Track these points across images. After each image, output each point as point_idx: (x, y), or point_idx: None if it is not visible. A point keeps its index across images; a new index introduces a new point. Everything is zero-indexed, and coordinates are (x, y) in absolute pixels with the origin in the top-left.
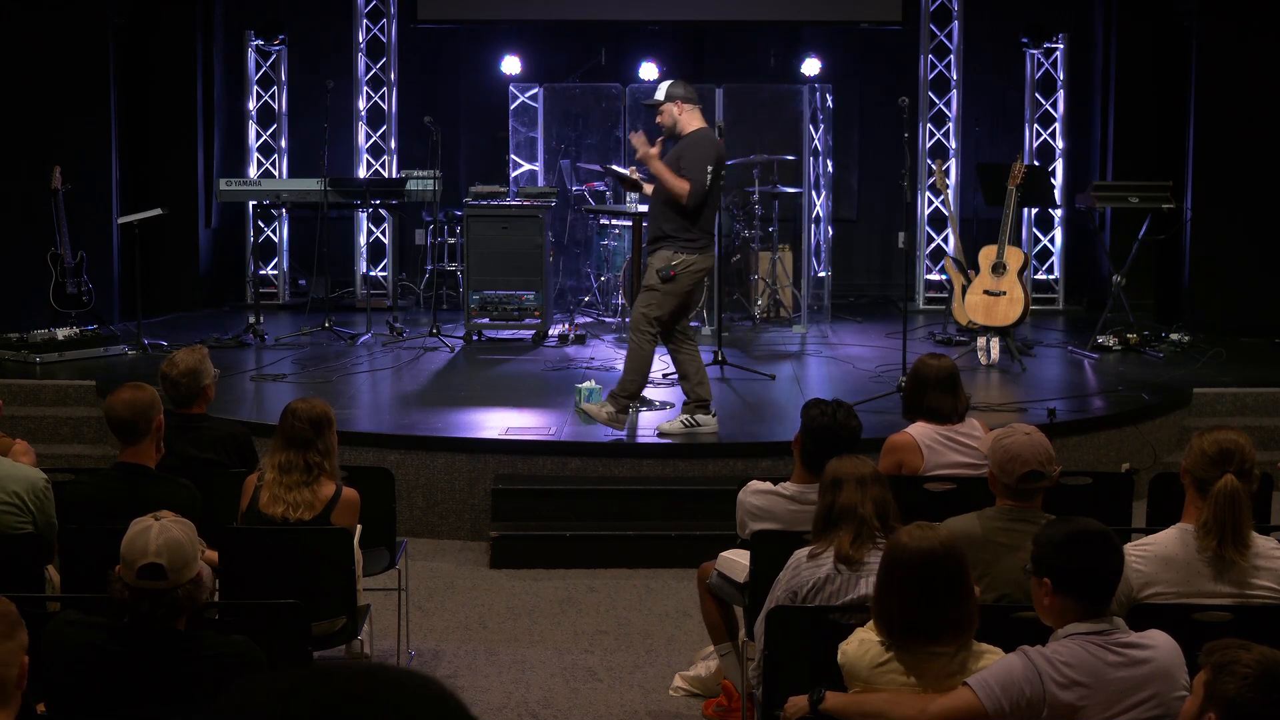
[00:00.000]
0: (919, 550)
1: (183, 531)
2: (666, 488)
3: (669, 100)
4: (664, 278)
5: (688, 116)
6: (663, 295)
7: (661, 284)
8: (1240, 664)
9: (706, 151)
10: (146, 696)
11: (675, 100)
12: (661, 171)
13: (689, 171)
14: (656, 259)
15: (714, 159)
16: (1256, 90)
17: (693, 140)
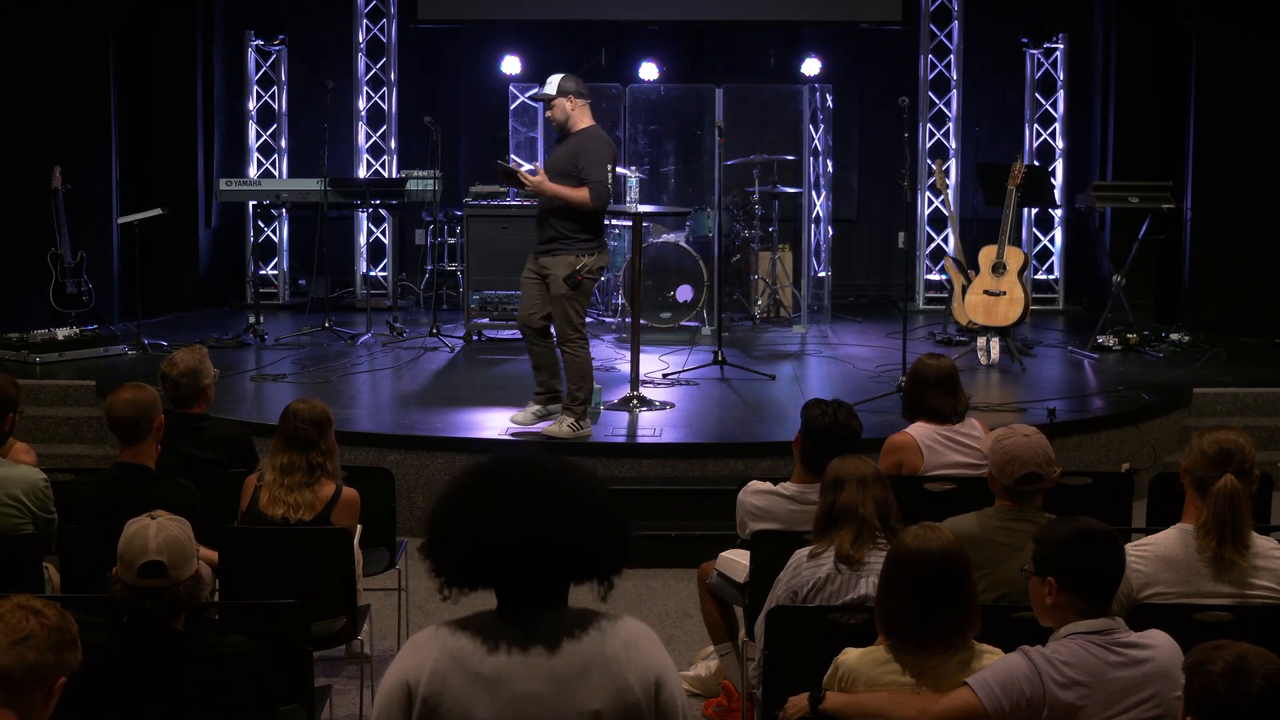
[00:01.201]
0: (923, 552)
1: (180, 529)
2: (666, 488)
3: (561, 95)
4: (573, 285)
5: (580, 112)
6: (576, 299)
7: (572, 290)
8: (1210, 663)
9: (604, 151)
10: (146, 696)
11: (568, 95)
12: (559, 191)
13: (592, 173)
14: (558, 264)
15: (611, 157)
16: (1256, 90)
17: (587, 139)
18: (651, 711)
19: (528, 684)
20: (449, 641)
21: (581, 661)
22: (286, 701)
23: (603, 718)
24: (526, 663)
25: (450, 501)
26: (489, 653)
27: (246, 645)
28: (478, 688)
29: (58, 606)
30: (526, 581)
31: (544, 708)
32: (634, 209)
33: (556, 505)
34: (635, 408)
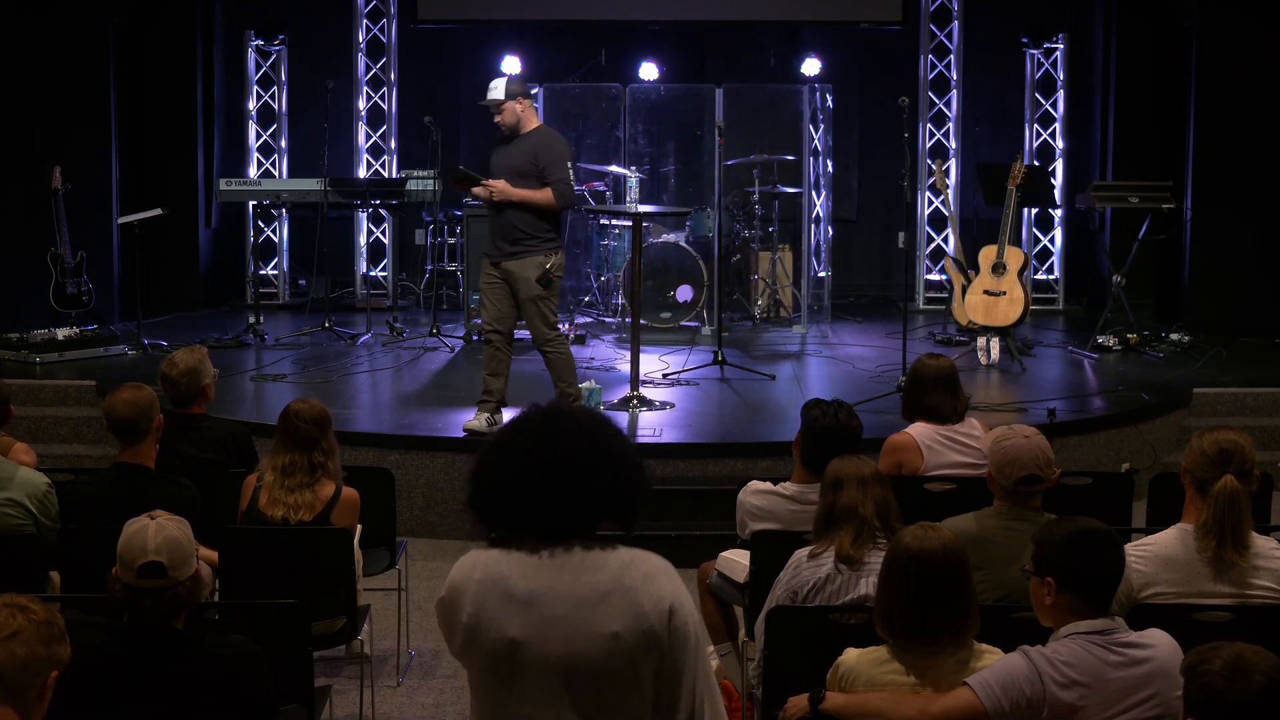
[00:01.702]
0: (921, 551)
1: (179, 529)
2: (666, 488)
3: (510, 99)
4: (545, 284)
5: (528, 113)
6: (549, 299)
7: (544, 290)
8: (1208, 662)
9: (563, 150)
10: (146, 696)
11: (516, 98)
12: (525, 195)
13: (554, 172)
14: (527, 266)
15: (570, 155)
16: (1256, 90)
17: (545, 139)
18: (665, 636)
19: (555, 607)
20: (491, 566)
21: (603, 589)
22: (286, 701)
23: (621, 639)
24: (554, 588)
25: (489, 452)
26: (522, 577)
27: (246, 645)
28: (512, 608)
29: (42, 601)
30: (559, 519)
31: (568, 628)
32: (634, 209)
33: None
34: (635, 408)
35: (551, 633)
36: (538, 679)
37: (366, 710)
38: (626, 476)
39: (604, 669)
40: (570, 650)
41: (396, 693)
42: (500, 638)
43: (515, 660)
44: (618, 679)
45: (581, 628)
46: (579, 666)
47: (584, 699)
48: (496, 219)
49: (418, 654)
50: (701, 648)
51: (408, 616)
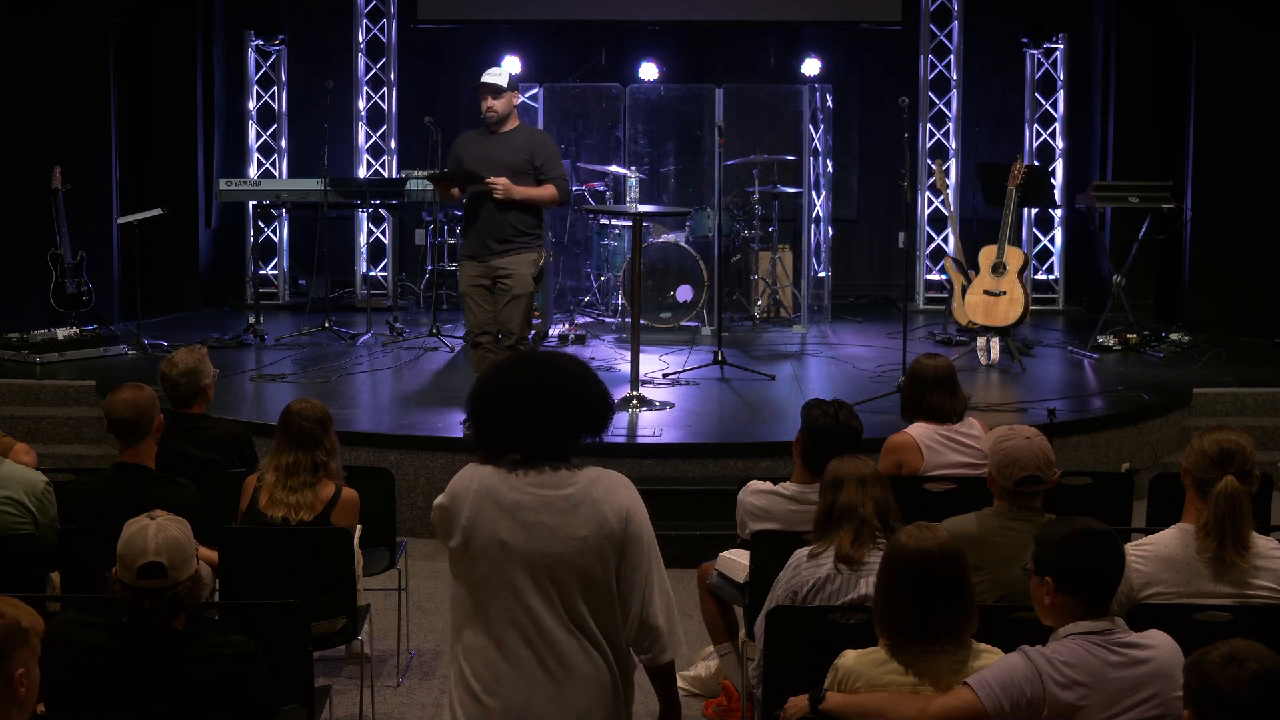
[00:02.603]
0: (919, 550)
1: (179, 529)
2: (666, 488)
3: (509, 89)
4: (536, 278)
5: (514, 110)
6: (533, 297)
7: (534, 287)
8: (1206, 657)
9: (556, 147)
10: (146, 697)
11: (514, 90)
12: (530, 194)
13: (553, 169)
14: (521, 263)
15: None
16: (1256, 90)
17: (538, 138)
18: (623, 537)
19: (535, 515)
20: (485, 480)
21: (574, 501)
22: (286, 701)
23: (589, 540)
24: (536, 499)
25: (484, 390)
26: (510, 490)
27: (246, 645)
28: (501, 515)
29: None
30: (541, 447)
31: (547, 531)
32: (634, 209)
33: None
34: (635, 408)
35: (533, 535)
36: (523, 571)
37: (366, 710)
38: (596, 407)
39: (575, 563)
40: (549, 549)
41: (396, 693)
42: (492, 538)
43: (505, 556)
44: (587, 571)
45: (557, 531)
46: (556, 561)
47: (562, 586)
48: (485, 217)
49: (418, 654)
50: (653, 547)
51: (408, 616)
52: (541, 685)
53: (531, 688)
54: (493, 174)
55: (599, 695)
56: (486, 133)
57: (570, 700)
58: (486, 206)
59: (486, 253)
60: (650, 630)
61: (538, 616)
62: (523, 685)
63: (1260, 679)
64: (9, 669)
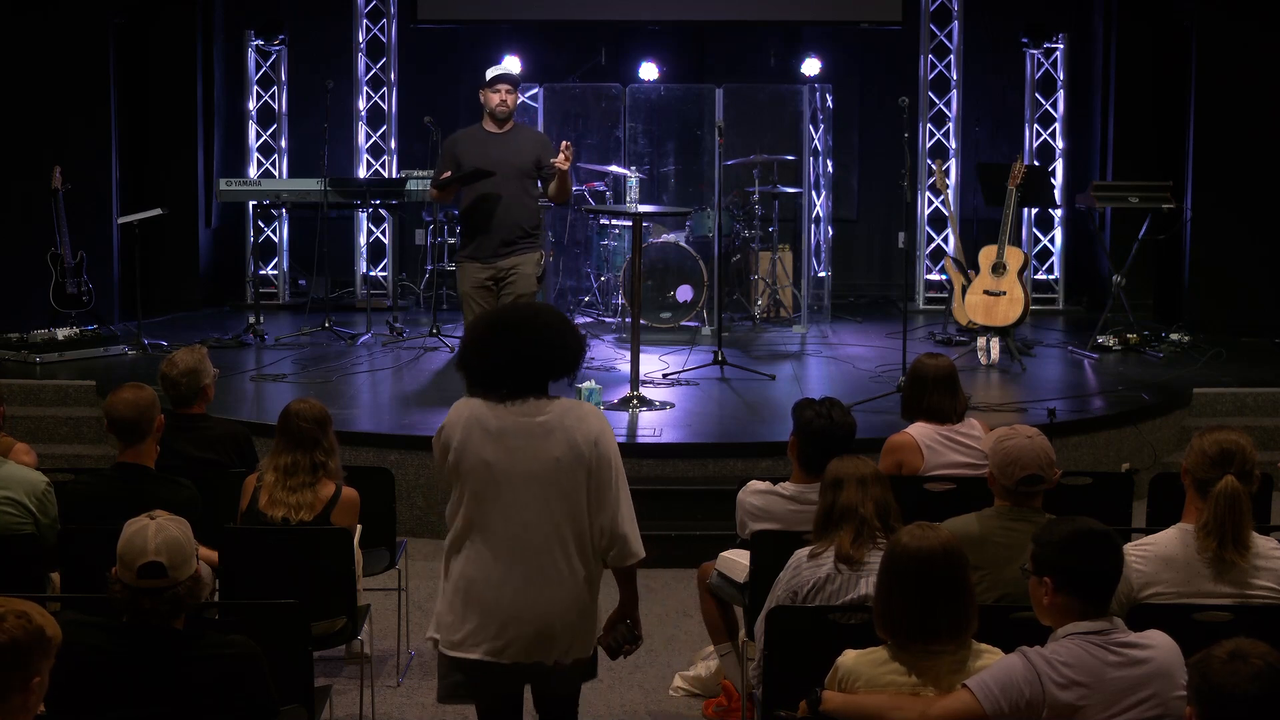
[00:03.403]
0: (919, 550)
1: (179, 529)
2: (666, 488)
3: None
4: (540, 279)
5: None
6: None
7: (537, 286)
8: (1210, 654)
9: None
10: (146, 697)
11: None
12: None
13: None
14: (528, 262)
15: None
16: (1256, 90)
17: (541, 139)
18: (592, 458)
19: (516, 438)
20: (474, 410)
21: (549, 428)
22: (286, 701)
23: (562, 461)
24: (517, 425)
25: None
26: (494, 419)
27: (246, 645)
28: (487, 439)
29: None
30: (522, 384)
31: (526, 453)
32: (634, 209)
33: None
34: (635, 408)
35: (514, 456)
36: (505, 487)
37: (366, 710)
38: (569, 356)
39: (552, 480)
40: (528, 468)
41: (396, 693)
42: (479, 459)
43: (490, 474)
44: (561, 486)
45: (535, 453)
46: (534, 478)
47: (539, 500)
48: (491, 219)
49: (418, 654)
50: (619, 466)
51: (408, 616)
52: (520, 588)
53: (509, 590)
54: (499, 172)
55: (571, 595)
56: (484, 131)
57: (545, 600)
58: (492, 208)
59: (492, 254)
60: (617, 538)
61: (517, 527)
62: (502, 589)
63: (1264, 676)
64: (30, 676)
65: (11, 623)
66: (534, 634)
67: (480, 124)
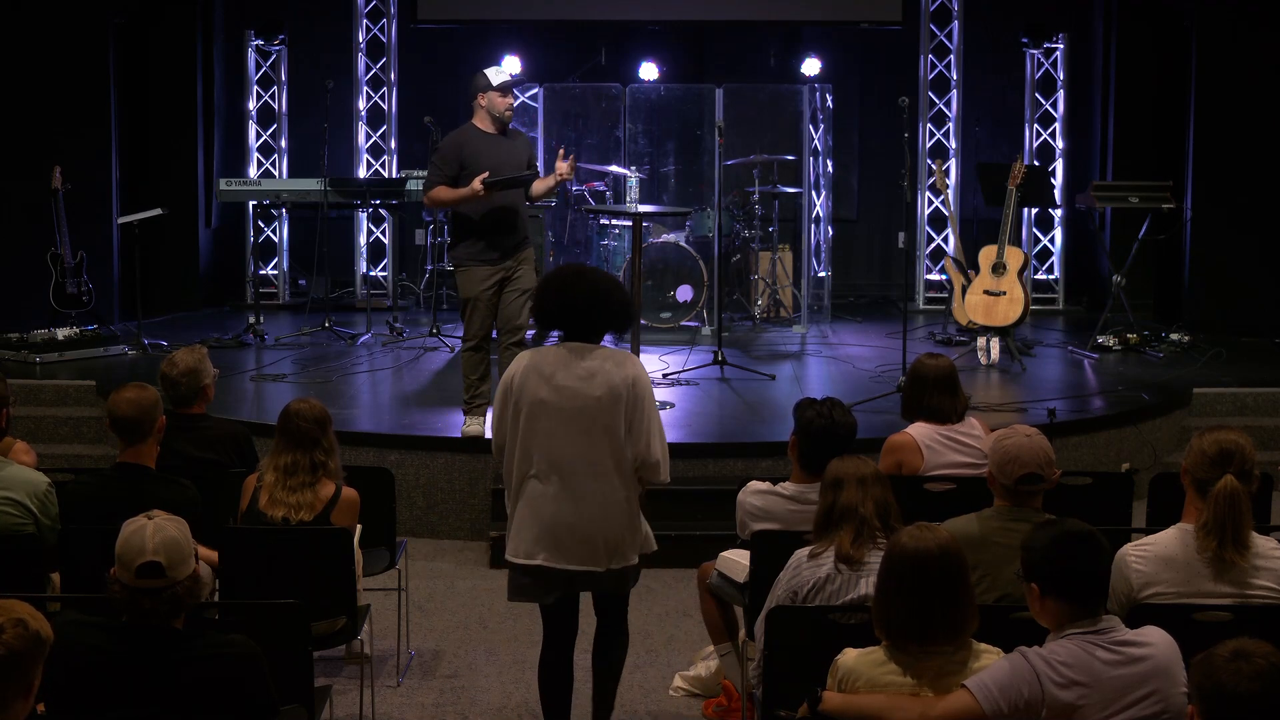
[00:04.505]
0: (919, 551)
1: (177, 529)
2: (666, 488)
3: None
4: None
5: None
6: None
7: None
8: (1214, 653)
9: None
10: (145, 696)
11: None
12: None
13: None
14: (529, 260)
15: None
16: (1256, 90)
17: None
18: (629, 396)
19: (565, 380)
20: (532, 358)
21: (593, 370)
22: (286, 701)
23: (603, 400)
24: (567, 368)
25: (544, 287)
26: (547, 363)
27: (246, 645)
28: (541, 381)
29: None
30: (579, 333)
31: (573, 392)
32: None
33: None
34: None
35: (563, 395)
36: (558, 420)
37: (366, 710)
38: (622, 310)
39: (594, 415)
40: (575, 404)
41: (396, 693)
42: (535, 398)
43: (543, 410)
44: (602, 420)
45: (580, 393)
46: (580, 412)
47: (586, 429)
48: (498, 221)
49: (418, 654)
50: (653, 403)
51: (408, 616)
52: (569, 505)
53: (562, 507)
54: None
55: (612, 511)
56: (484, 133)
57: (589, 515)
58: (503, 212)
59: (498, 256)
60: (651, 464)
61: (565, 455)
62: (556, 506)
63: (1266, 675)
64: (31, 681)
65: (10, 634)
66: (582, 543)
67: (473, 124)
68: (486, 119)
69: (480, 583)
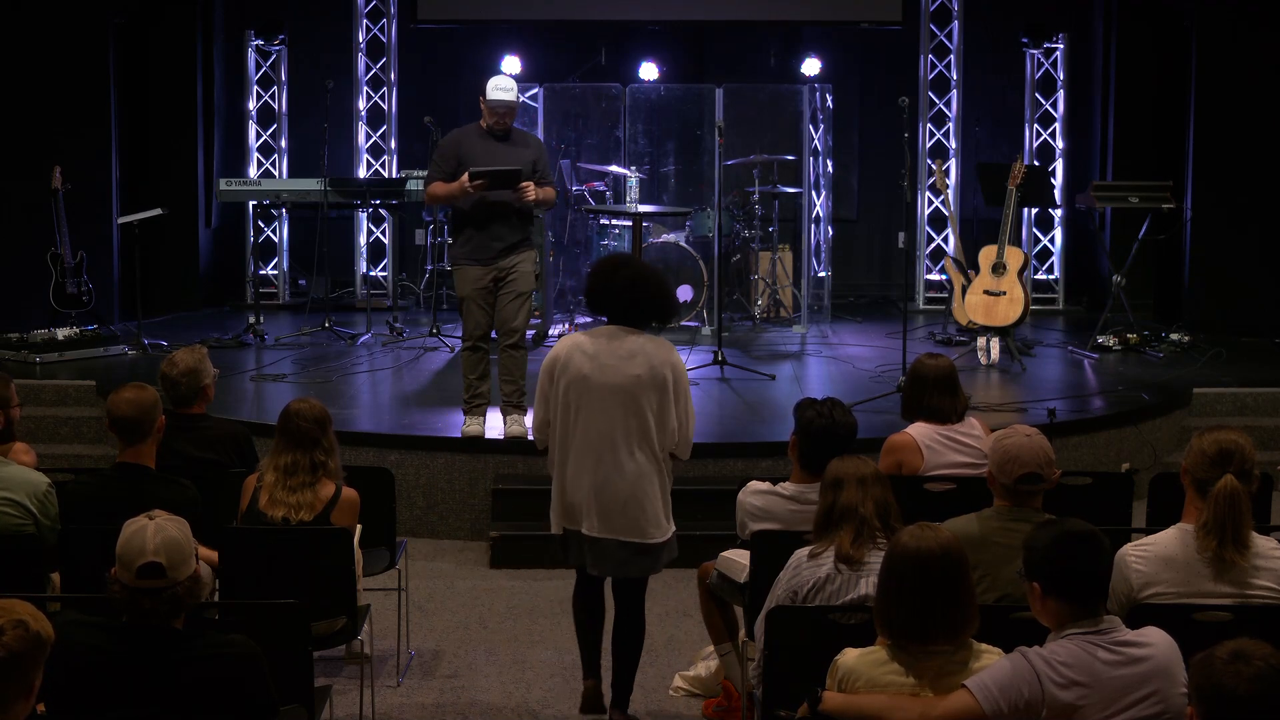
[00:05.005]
0: (921, 551)
1: (178, 529)
2: None
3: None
4: (537, 276)
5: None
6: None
7: (534, 283)
8: (1213, 653)
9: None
10: (145, 696)
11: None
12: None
13: (549, 174)
14: (525, 262)
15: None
16: (1256, 90)
17: (536, 144)
18: (667, 378)
19: (607, 359)
20: (576, 339)
21: (634, 352)
22: (286, 701)
23: (641, 378)
24: (610, 348)
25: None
26: (591, 344)
27: (246, 645)
28: (585, 359)
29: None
30: (620, 313)
31: (614, 371)
32: (634, 209)
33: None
34: None
35: (605, 373)
36: (598, 394)
37: (366, 710)
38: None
39: (632, 392)
40: (615, 382)
41: (396, 693)
42: (578, 373)
43: (585, 385)
44: (639, 397)
45: (621, 371)
46: (620, 390)
47: (623, 404)
48: (490, 221)
49: (418, 654)
50: (687, 387)
51: (408, 616)
52: (603, 474)
53: (596, 476)
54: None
55: (641, 484)
56: (484, 133)
57: (620, 485)
58: (494, 211)
59: (490, 255)
60: (681, 441)
61: (602, 429)
62: (590, 477)
63: (1265, 676)
64: (32, 681)
65: (10, 635)
66: (606, 512)
67: (478, 124)
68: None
69: (480, 583)
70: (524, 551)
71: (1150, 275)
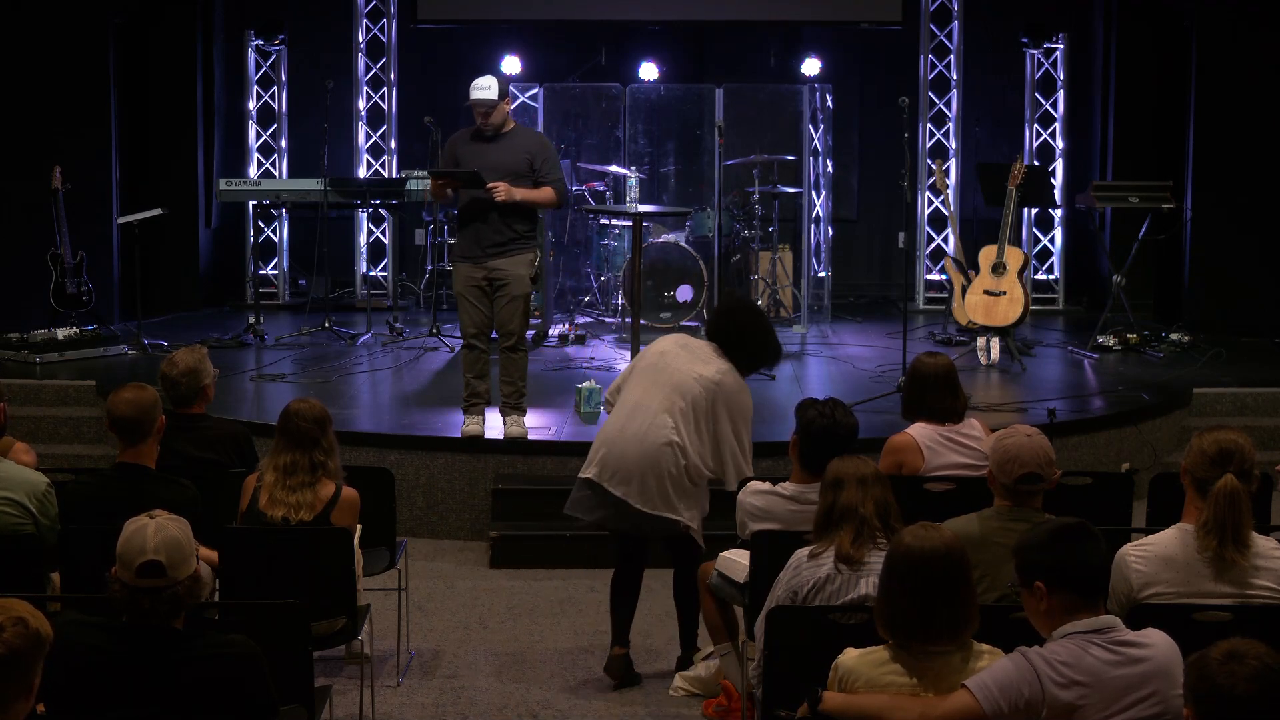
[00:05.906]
0: (922, 551)
1: (179, 529)
2: None
3: (501, 98)
4: (534, 279)
5: (508, 113)
6: (530, 298)
7: (532, 287)
8: (1207, 654)
9: (554, 149)
10: (145, 696)
11: (505, 98)
12: (530, 196)
13: (552, 172)
14: (519, 264)
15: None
16: (1256, 90)
17: (536, 140)
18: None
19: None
20: (679, 334)
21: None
22: (286, 701)
23: (700, 380)
24: (701, 348)
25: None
26: (692, 339)
27: (246, 645)
28: (676, 345)
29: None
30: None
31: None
32: (634, 209)
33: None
34: None
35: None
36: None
37: (366, 710)
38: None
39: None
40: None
41: (396, 693)
42: (656, 352)
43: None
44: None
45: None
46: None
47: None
48: (482, 220)
49: (418, 654)
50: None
51: (408, 616)
52: (630, 441)
53: (628, 443)
54: (492, 177)
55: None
56: (477, 136)
57: (641, 454)
58: (483, 209)
59: (482, 254)
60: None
61: (645, 400)
62: (619, 436)
63: (1260, 675)
64: (32, 680)
65: (10, 633)
66: (625, 473)
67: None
68: None
69: (480, 583)
70: (524, 551)
71: (1150, 275)
